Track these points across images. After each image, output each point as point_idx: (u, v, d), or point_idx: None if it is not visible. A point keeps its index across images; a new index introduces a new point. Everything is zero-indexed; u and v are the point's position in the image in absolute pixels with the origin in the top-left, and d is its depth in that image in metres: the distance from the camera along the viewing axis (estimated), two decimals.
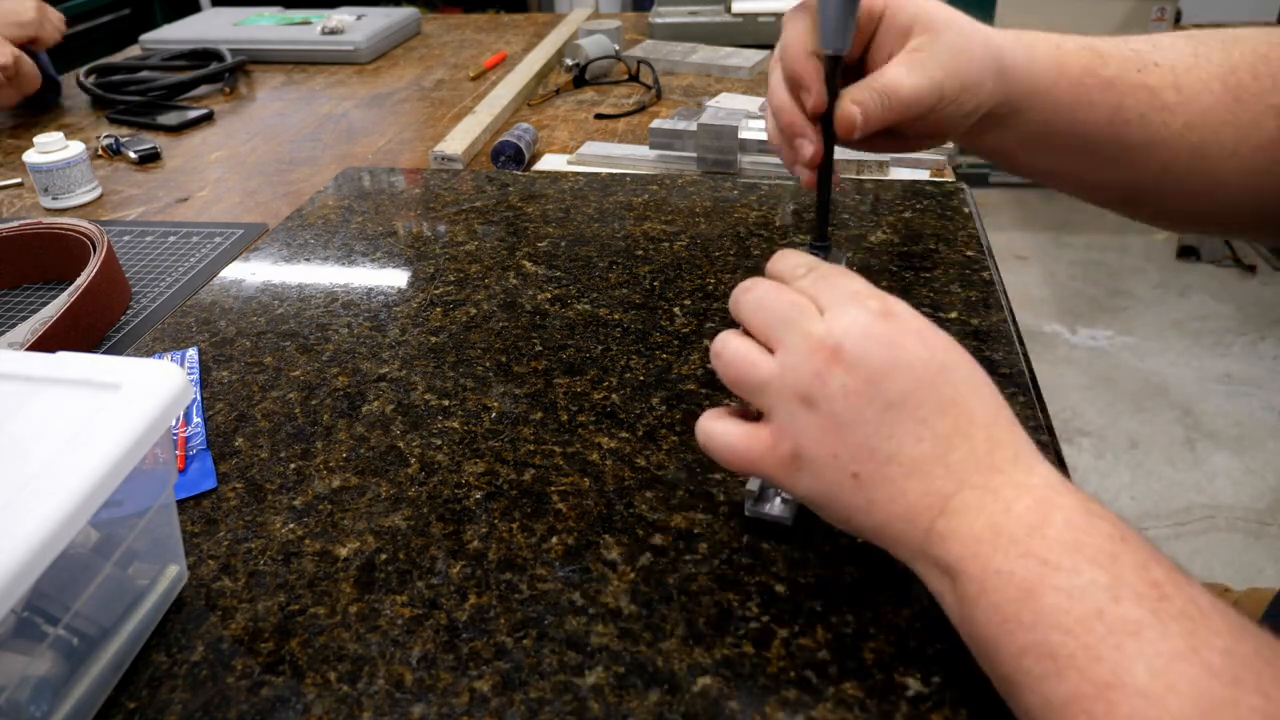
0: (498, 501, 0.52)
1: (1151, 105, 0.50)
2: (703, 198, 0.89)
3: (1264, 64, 0.49)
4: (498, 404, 0.60)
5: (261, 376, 0.65)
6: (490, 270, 0.77)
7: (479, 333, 0.68)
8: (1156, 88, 0.50)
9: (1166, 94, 0.50)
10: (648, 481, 0.53)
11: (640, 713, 0.40)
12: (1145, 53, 0.51)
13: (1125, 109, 0.50)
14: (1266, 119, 0.49)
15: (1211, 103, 0.49)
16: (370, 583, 0.47)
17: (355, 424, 0.59)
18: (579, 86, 1.31)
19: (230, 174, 1.07)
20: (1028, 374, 0.60)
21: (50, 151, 0.98)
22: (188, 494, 0.54)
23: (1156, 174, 0.52)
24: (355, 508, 0.52)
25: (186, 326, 0.72)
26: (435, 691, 0.41)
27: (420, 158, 1.09)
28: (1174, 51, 0.51)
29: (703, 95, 1.23)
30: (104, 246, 0.76)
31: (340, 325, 0.70)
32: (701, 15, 1.49)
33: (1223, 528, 1.81)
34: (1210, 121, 0.49)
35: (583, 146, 1.04)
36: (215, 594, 0.47)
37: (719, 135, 0.95)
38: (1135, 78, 0.50)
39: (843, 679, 0.40)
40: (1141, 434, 2.05)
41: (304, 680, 0.42)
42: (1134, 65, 0.50)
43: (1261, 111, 0.49)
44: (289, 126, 1.23)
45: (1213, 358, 2.29)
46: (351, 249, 0.83)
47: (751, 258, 0.77)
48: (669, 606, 0.45)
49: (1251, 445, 2.00)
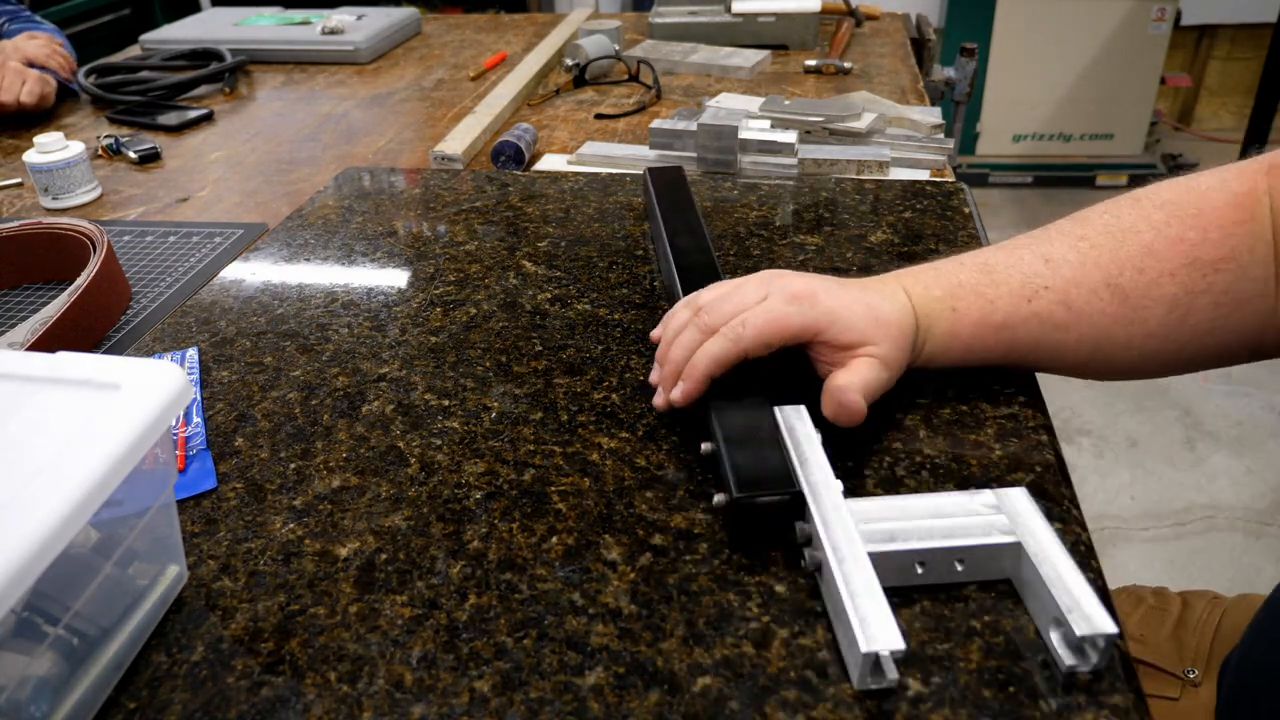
0: (498, 501, 0.52)
1: (1044, 330, 0.55)
2: (703, 198, 0.89)
3: (1150, 258, 0.53)
4: (498, 404, 0.60)
5: (261, 376, 0.65)
6: (490, 270, 0.77)
7: (479, 333, 0.68)
8: (1046, 314, 0.54)
9: (1057, 314, 0.54)
10: (648, 481, 0.53)
11: (640, 713, 0.40)
12: (1035, 277, 0.55)
13: (1018, 342, 0.55)
14: (1152, 310, 0.53)
15: (1100, 308, 0.54)
16: (370, 583, 0.47)
17: (355, 424, 0.59)
18: (579, 86, 1.31)
19: (230, 174, 1.07)
20: (1028, 374, 0.60)
21: (50, 151, 0.98)
22: (188, 494, 0.54)
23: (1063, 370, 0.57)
24: (355, 508, 0.52)
25: (186, 326, 0.72)
26: (435, 691, 0.41)
27: (420, 158, 1.09)
28: (1064, 264, 0.55)
29: (703, 95, 1.23)
30: (104, 246, 0.76)
31: (340, 325, 0.70)
32: (701, 15, 1.49)
33: (1223, 528, 1.81)
34: (1100, 325, 0.54)
35: (583, 146, 1.04)
36: (215, 594, 0.47)
37: (719, 135, 0.95)
38: (1025, 310, 0.54)
39: (843, 679, 0.40)
40: (1141, 434, 2.05)
41: (304, 680, 0.42)
42: (1024, 296, 0.54)
43: (1146, 305, 0.53)
44: (289, 126, 1.23)
45: None
46: (351, 249, 0.83)
47: (751, 258, 0.77)
48: (669, 606, 0.45)
49: (1251, 445, 2.00)
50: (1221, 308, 0.53)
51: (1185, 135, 3.42)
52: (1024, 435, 0.54)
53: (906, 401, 0.57)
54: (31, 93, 1.25)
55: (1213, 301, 0.53)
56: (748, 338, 0.52)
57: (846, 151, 0.97)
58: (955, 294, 0.55)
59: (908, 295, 0.55)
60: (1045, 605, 0.41)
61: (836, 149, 0.98)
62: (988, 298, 0.55)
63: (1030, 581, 0.43)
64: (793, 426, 0.51)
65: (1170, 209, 0.55)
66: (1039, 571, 0.42)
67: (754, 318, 0.52)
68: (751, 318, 0.52)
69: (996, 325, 0.55)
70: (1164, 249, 0.53)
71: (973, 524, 0.45)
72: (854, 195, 0.88)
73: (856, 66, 1.34)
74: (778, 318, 0.52)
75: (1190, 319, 0.53)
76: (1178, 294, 0.53)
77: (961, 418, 0.56)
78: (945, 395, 0.58)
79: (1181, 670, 0.68)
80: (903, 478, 0.52)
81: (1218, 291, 0.53)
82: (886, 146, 0.99)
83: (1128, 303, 0.54)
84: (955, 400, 0.57)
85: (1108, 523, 1.83)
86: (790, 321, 0.52)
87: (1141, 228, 0.55)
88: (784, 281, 0.55)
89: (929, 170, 0.96)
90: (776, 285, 0.54)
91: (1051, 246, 0.56)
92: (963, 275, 0.56)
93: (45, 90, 1.28)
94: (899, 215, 0.83)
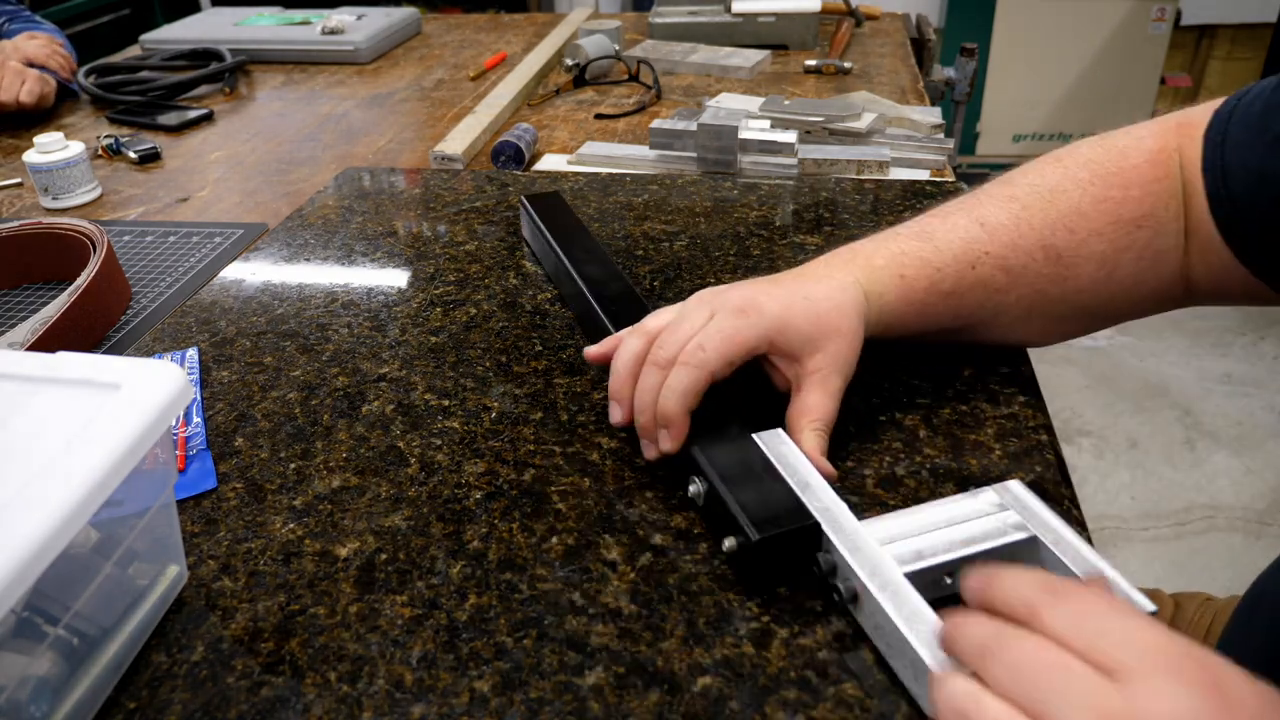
0: (498, 501, 0.52)
1: (986, 294, 0.56)
2: (703, 198, 0.89)
3: (1079, 218, 0.55)
4: (498, 404, 0.60)
5: (261, 376, 0.65)
6: (490, 270, 0.77)
7: (479, 333, 0.68)
8: (988, 278, 0.56)
9: (997, 279, 0.56)
10: (648, 482, 0.53)
11: (640, 713, 0.40)
12: (975, 242, 0.56)
13: (964, 306, 0.57)
14: (1083, 268, 0.56)
15: (1036, 270, 0.56)
16: (370, 583, 0.47)
17: (355, 424, 0.59)
18: (579, 86, 1.31)
19: (230, 174, 1.07)
20: (1028, 374, 0.60)
21: (50, 151, 0.98)
22: (188, 494, 0.54)
23: (1001, 333, 0.59)
24: (355, 508, 0.52)
25: (186, 326, 0.72)
26: (435, 691, 0.41)
27: (420, 158, 1.09)
28: (1000, 229, 0.56)
29: (703, 95, 1.23)
30: (104, 246, 0.76)
31: (340, 325, 0.70)
32: (701, 15, 1.49)
33: (1223, 528, 1.81)
34: (1035, 285, 0.56)
35: (583, 146, 1.04)
36: (215, 594, 0.47)
37: (719, 135, 0.95)
38: (969, 276, 0.56)
39: (843, 679, 0.40)
40: (1141, 434, 2.05)
41: (304, 680, 0.42)
42: (967, 262, 0.56)
43: (1077, 263, 0.56)
44: (289, 126, 1.23)
45: (1213, 358, 2.29)
46: (351, 249, 0.83)
47: (751, 258, 0.77)
48: (669, 606, 0.45)
49: (1251, 445, 2.00)
50: (1143, 262, 0.55)
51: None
52: (1024, 435, 0.54)
53: (907, 401, 0.57)
54: (31, 92, 1.25)
55: (1135, 257, 0.55)
56: (711, 360, 0.50)
57: (846, 151, 0.97)
58: (900, 262, 0.56)
59: (848, 271, 0.55)
60: None
61: (836, 149, 0.98)
62: (933, 265, 0.55)
63: (1054, 571, 0.43)
64: (780, 454, 0.49)
65: (1093, 168, 0.57)
66: (1063, 562, 0.42)
67: (709, 339, 0.50)
68: (707, 339, 0.50)
69: (945, 293, 0.56)
70: (1090, 208, 0.55)
71: (987, 526, 0.44)
72: (854, 195, 0.88)
73: (856, 66, 1.34)
74: (731, 334, 0.51)
75: (1117, 274, 0.56)
76: (1105, 251, 0.55)
77: (961, 418, 0.56)
78: (945, 395, 0.58)
79: None
80: (902, 478, 0.52)
81: (1140, 247, 0.55)
82: (886, 146, 0.99)
83: (1060, 262, 0.56)
84: (955, 400, 0.57)
85: (1108, 523, 1.83)
86: (746, 335, 0.51)
87: (1068, 187, 0.56)
88: (724, 298, 0.53)
89: (929, 170, 0.96)
90: (719, 302, 0.53)
91: (984, 210, 0.57)
92: (903, 244, 0.56)
93: (45, 90, 1.28)
94: (899, 215, 0.83)
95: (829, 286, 0.53)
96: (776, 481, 0.47)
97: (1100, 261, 0.55)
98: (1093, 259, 0.55)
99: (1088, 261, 0.55)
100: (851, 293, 0.54)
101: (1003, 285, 0.56)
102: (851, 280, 0.54)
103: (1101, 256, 0.55)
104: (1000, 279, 0.56)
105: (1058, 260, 0.55)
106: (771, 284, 0.54)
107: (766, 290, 0.53)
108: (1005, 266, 0.56)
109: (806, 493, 0.46)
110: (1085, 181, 0.56)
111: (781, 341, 0.52)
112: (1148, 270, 0.56)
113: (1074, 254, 0.55)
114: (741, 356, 0.51)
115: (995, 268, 0.56)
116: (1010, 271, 0.56)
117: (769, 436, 0.50)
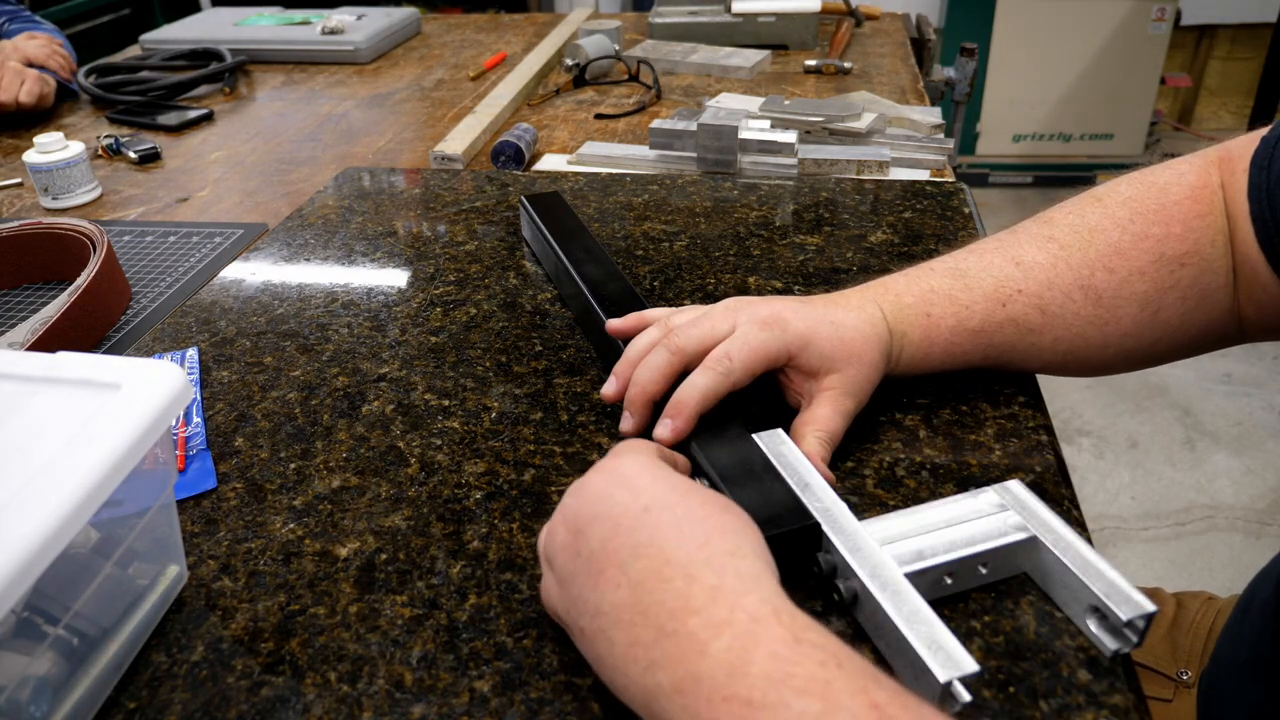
0: (498, 501, 0.52)
1: (1018, 333, 0.55)
2: (703, 198, 0.89)
3: (1119, 257, 0.54)
4: (498, 404, 0.60)
5: (261, 376, 0.65)
6: (490, 270, 0.77)
7: (479, 333, 0.68)
8: (1020, 317, 0.54)
9: (1031, 319, 0.54)
10: None
11: None
12: (1008, 280, 0.55)
13: (994, 346, 0.55)
14: (1124, 309, 0.54)
15: (1074, 311, 0.54)
16: (370, 583, 0.47)
17: (355, 424, 0.59)
18: (579, 86, 1.31)
19: (230, 174, 1.07)
20: (1028, 374, 0.60)
21: (50, 151, 0.98)
22: (188, 494, 0.54)
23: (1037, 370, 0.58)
24: (355, 508, 0.52)
25: (186, 326, 0.72)
26: (435, 691, 0.41)
27: (420, 158, 1.09)
28: (1036, 267, 0.55)
29: (703, 95, 1.23)
30: (104, 246, 0.76)
31: (340, 325, 0.70)
32: (701, 15, 1.49)
33: (1223, 528, 1.81)
34: (1074, 328, 0.54)
35: (583, 146, 1.04)
36: (215, 594, 0.47)
37: (719, 135, 0.95)
38: (1000, 315, 0.54)
39: None
40: (1141, 434, 2.05)
41: (304, 680, 0.42)
42: (998, 300, 0.54)
43: (1119, 304, 0.54)
44: (289, 126, 1.23)
45: (1213, 358, 2.28)
46: (351, 249, 0.83)
47: (751, 258, 0.77)
48: None
49: (1251, 445, 2.00)
50: (1189, 301, 0.54)
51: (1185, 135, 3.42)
52: (1024, 435, 0.54)
53: (907, 402, 0.57)
54: (30, 92, 1.25)
55: (1180, 296, 0.54)
56: (736, 370, 0.51)
57: (846, 151, 0.97)
58: (928, 300, 0.55)
59: (878, 306, 0.54)
60: (1077, 594, 0.41)
61: (836, 149, 0.98)
62: (962, 303, 0.54)
63: (1054, 572, 0.43)
64: (780, 454, 0.49)
65: (1133, 205, 0.55)
66: (1064, 562, 0.42)
67: (736, 349, 0.51)
68: (734, 349, 0.51)
69: (973, 330, 0.54)
70: (1130, 247, 0.54)
71: (988, 526, 0.44)
72: (854, 195, 0.88)
73: (856, 66, 1.34)
74: (758, 347, 0.51)
75: (1161, 315, 0.54)
76: (1148, 291, 0.54)
77: (961, 418, 0.56)
78: (945, 395, 0.58)
79: (1175, 672, 0.68)
80: (902, 478, 0.52)
81: (1185, 286, 0.54)
82: (886, 146, 0.99)
83: (1101, 304, 0.54)
84: (955, 400, 0.57)
85: (1108, 523, 1.83)
86: (770, 346, 0.51)
87: (1107, 225, 0.55)
88: (752, 309, 0.53)
89: (929, 170, 0.96)
90: (744, 314, 0.53)
91: (1021, 249, 0.56)
92: (934, 281, 0.56)
93: (44, 90, 1.28)
94: (899, 215, 0.83)
95: (857, 317, 0.53)
96: (776, 481, 0.47)
97: (1143, 303, 0.54)
98: (1135, 300, 0.54)
99: (1129, 303, 0.54)
100: (879, 327, 0.53)
101: (1037, 325, 0.54)
102: (880, 315, 0.54)
103: (1144, 297, 0.53)
104: (1035, 318, 0.54)
105: (1098, 301, 0.54)
106: (801, 304, 0.54)
107: (794, 308, 0.53)
108: (1040, 306, 0.54)
109: (806, 493, 0.46)
110: (1125, 220, 0.55)
111: (802, 357, 0.52)
112: (1194, 310, 0.54)
113: (1115, 295, 0.54)
114: (763, 367, 0.52)
115: (1029, 307, 0.54)
116: (1046, 312, 0.54)
117: (769, 437, 0.50)
